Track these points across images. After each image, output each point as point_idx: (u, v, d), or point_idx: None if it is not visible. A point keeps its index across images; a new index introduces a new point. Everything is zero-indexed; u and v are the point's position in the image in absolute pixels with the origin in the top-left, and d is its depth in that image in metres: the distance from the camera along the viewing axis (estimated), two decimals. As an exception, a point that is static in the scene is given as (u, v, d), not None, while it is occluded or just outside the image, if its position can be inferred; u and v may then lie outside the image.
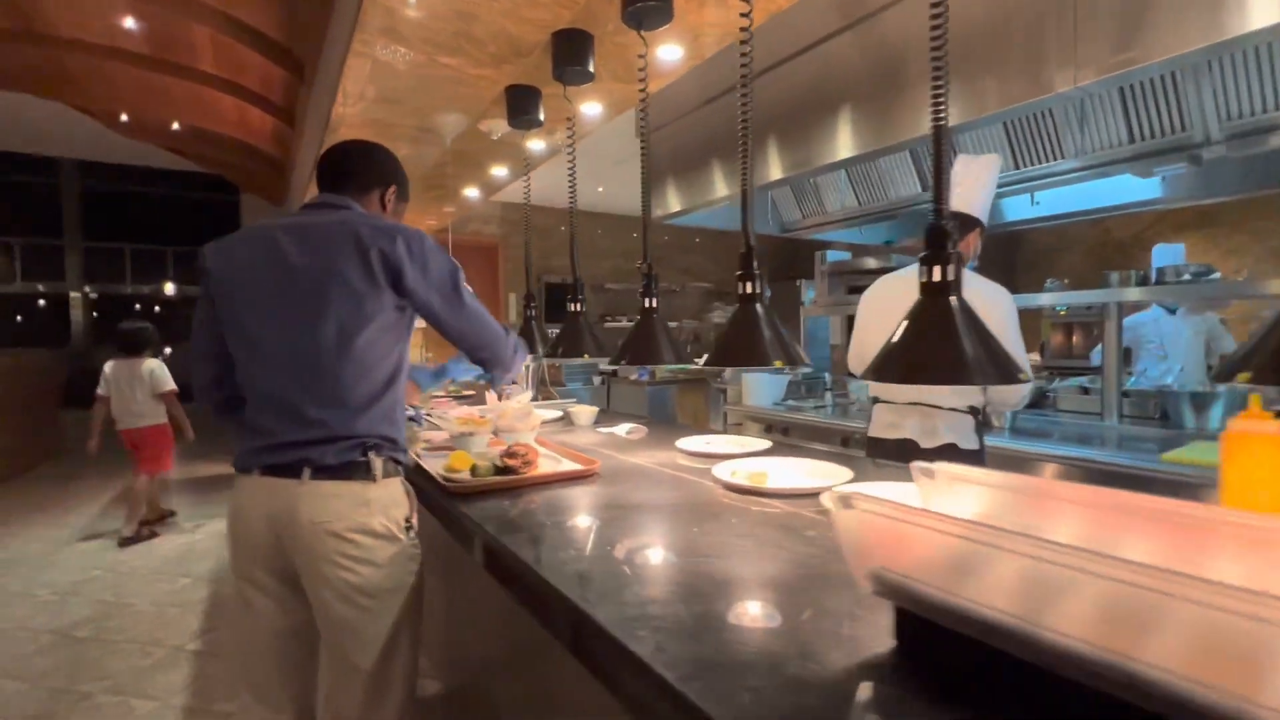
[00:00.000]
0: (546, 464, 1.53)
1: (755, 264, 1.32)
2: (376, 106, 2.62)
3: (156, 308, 12.77)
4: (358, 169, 1.34)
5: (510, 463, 1.40)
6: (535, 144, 3.09)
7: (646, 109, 1.72)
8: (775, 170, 3.40)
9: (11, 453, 5.44)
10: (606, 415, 2.57)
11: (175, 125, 5.57)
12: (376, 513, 1.17)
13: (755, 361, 1.25)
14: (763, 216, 4.66)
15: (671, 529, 1.13)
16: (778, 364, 1.25)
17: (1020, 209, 3.73)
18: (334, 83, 2.54)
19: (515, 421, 1.73)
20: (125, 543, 3.58)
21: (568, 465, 1.53)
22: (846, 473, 1.41)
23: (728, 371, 4.82)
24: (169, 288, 11.87)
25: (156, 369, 3.96)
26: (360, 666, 1.16)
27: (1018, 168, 2.94)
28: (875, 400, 2.17)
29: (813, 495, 1.26)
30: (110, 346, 11.45)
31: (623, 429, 2.18)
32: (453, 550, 1.39)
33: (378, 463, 1.18)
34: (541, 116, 2.42)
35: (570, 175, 2.26)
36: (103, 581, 3.03)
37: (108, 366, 3.96)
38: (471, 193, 4.07)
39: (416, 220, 5.06)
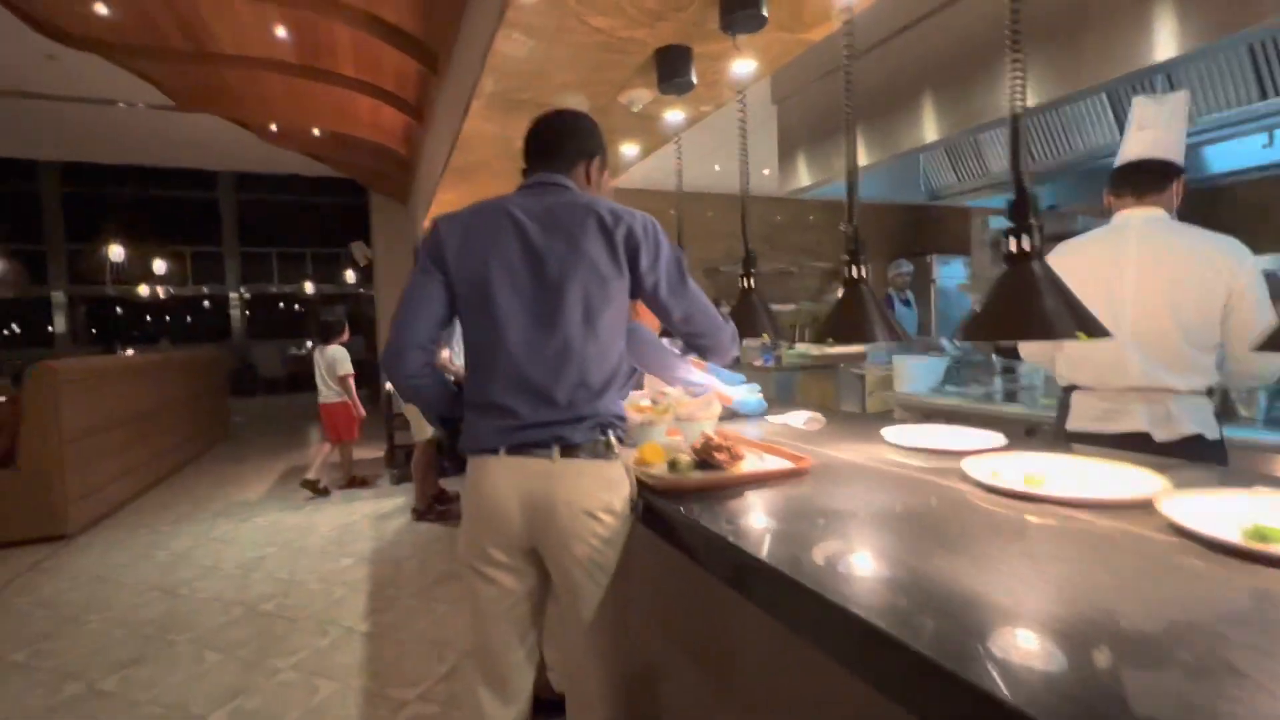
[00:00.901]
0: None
1: (859, 246, 1.49)
2: (516, 85, 2.54)
3: (296, 305, 14.07)
4: (568, 142, 1.30)
5: (718, 457, 1.23)
6: (673, 115, 2.91)
7: (851, 37, 1.48)
8: (930, 131, 3.03)
9: (193, 437, 6.10)
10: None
11: (316, 131, 5.94)
12: (617, 491, 1.17)
13: (861, 339, 1.39)
14: (909, 184, 4.22)
15: (961, 544, 0.90)
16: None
17: (1241, 155, 3.09)
18: (475, 61, 2.48)
19: (696, 410, 1.57)
20: (316, 491, 4.41)
21: (770, 461, 1.33)
22: (1153, 476, 1.10)
23: (869, 355, 4.44)
24: (308, 287, 12.99)
25: (338, 354, 4.55)
26: (589, 621, 1.18)
27: (1265, 98, 2.39)
28: (1072, 388, 1.81)
29: (1134, 506, 0.99)
30: (262, 340, 12.61)
31: (797, 418, 1.96)
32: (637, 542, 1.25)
33: (615, 442, 1.19)
34: (694, 78, 2.22)
35: (741, 128, 2.07)
36: (277, 559, 3.24)
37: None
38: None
39: (538, 208, 5.06)
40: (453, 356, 4.02)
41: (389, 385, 4.92)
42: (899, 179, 4.25)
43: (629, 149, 3.44)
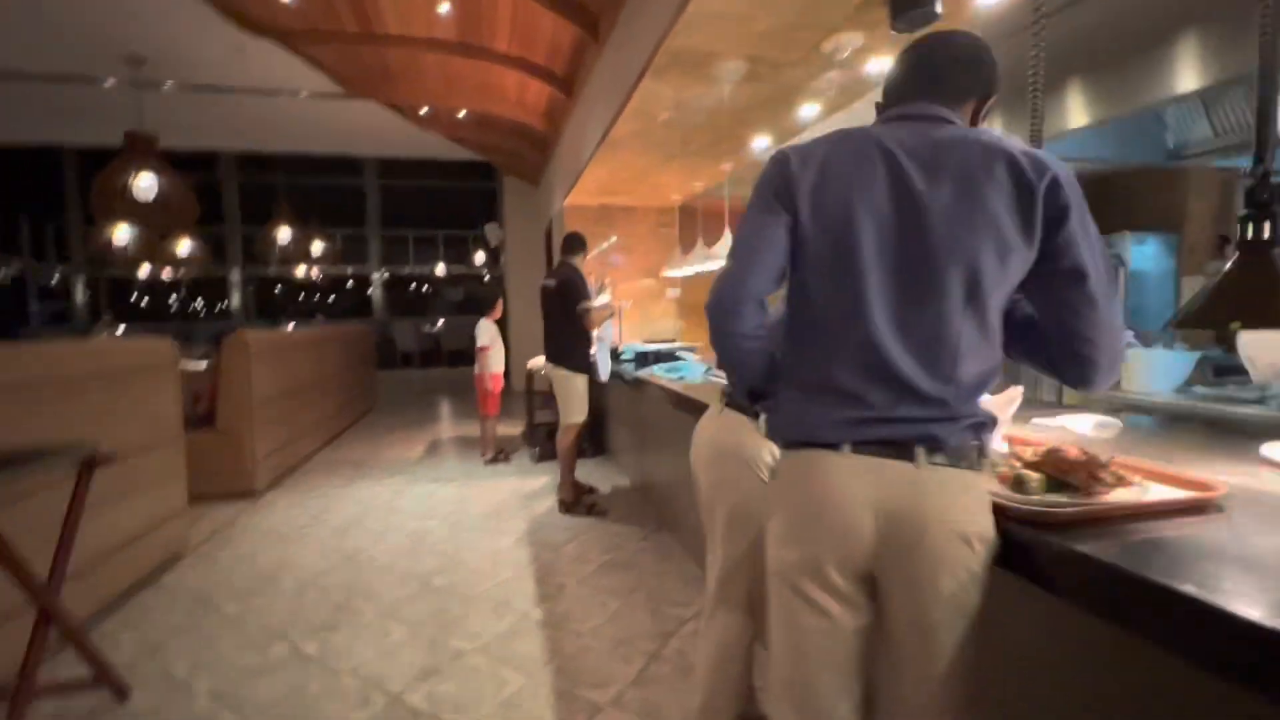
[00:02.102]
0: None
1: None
2: (709, 38, 2.30)
3: (425, 286, 14.93)
4: (964, 72, 0.99)
5: (1100, 477, 0.92)
6: (876, 65, 2.54)
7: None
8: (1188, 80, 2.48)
9: (349, 406, 6.53)
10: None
11: (462, 113, 6.06)
12: (990, 513, 0.90)
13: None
14: (1131, 140, 3.56)
15: None
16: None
17: None
18: (663, 15, 2.26)
19: (997, 411, 1.26)
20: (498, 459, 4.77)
21: (1152, 487, 0.99)
22: None
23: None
24: (440, 268, 13.72)
25: (479, 326, 4.76)
26: (940, 676, 0.90)
27: None
28: None
29: None
30: (399, 318, 13.44)
31: (1083, 422, 1.57)
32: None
33: (987, 450, 0.93)
34: (939, 6, 1.86)
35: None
36: (440, 532, 3.29)
37: None
38: (761, 143, 3.66)
39: (684, 181, 4.83)
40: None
41: (532, 362, 4.92)
42: (1120, 135, 3.58)
43: (808, 109, 3.10)
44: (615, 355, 4.14)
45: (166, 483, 2.92)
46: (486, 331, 4.69)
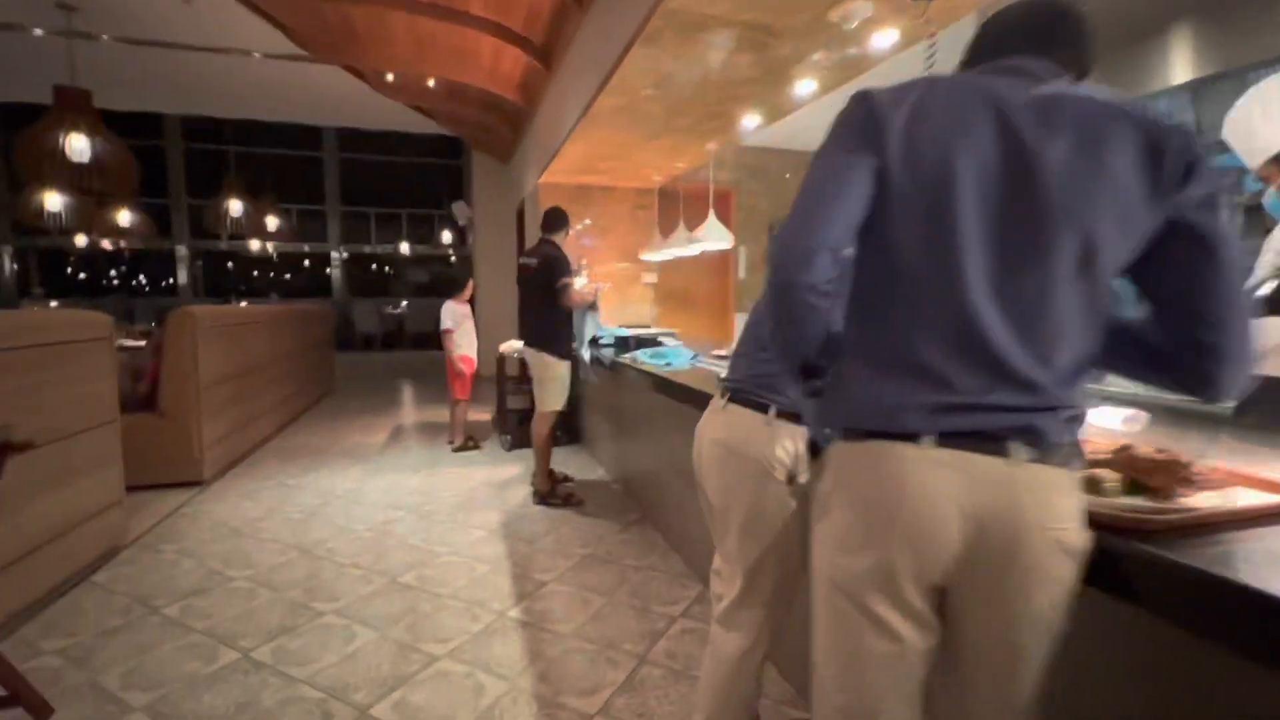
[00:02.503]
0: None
1: None
2: (709, -1, 2.14)
3: (387, 268, 14.39)
4: (1071, 35, 0.86)
5: (1187, 479, 0.82)
6: (883, 38, 2.42)
7: None
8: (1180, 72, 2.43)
9: (306, 389, 6.20)
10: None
11: (431, 81, 5.74)
12: (1084, 519, 0.79)
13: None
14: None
15: None
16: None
17: None
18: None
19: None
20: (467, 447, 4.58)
21: (1240, 490, 0.89)
22: None
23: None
24: (404, 247, 13.22)
25: (443, 309, 4.56)
26: (1021, 707, 0.81)
27: None
28: None
29: None
30: (359, 298, 12.92)
31: (1107, 415, 1.50)
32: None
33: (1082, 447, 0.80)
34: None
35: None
36: (407, 524, 3.09)
37: None
38: (750, 122, 3.53)
39: (667, 161, 4.66)
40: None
41: (505, 346, 4.72)
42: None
43: (804, 86, 2.97)
44: (593, 340, 3.98)
45: (101, 469, 2.65)
46: (450, 314, 4.50)
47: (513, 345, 4.71)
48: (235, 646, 2.01)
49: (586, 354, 3.50)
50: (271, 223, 9.88)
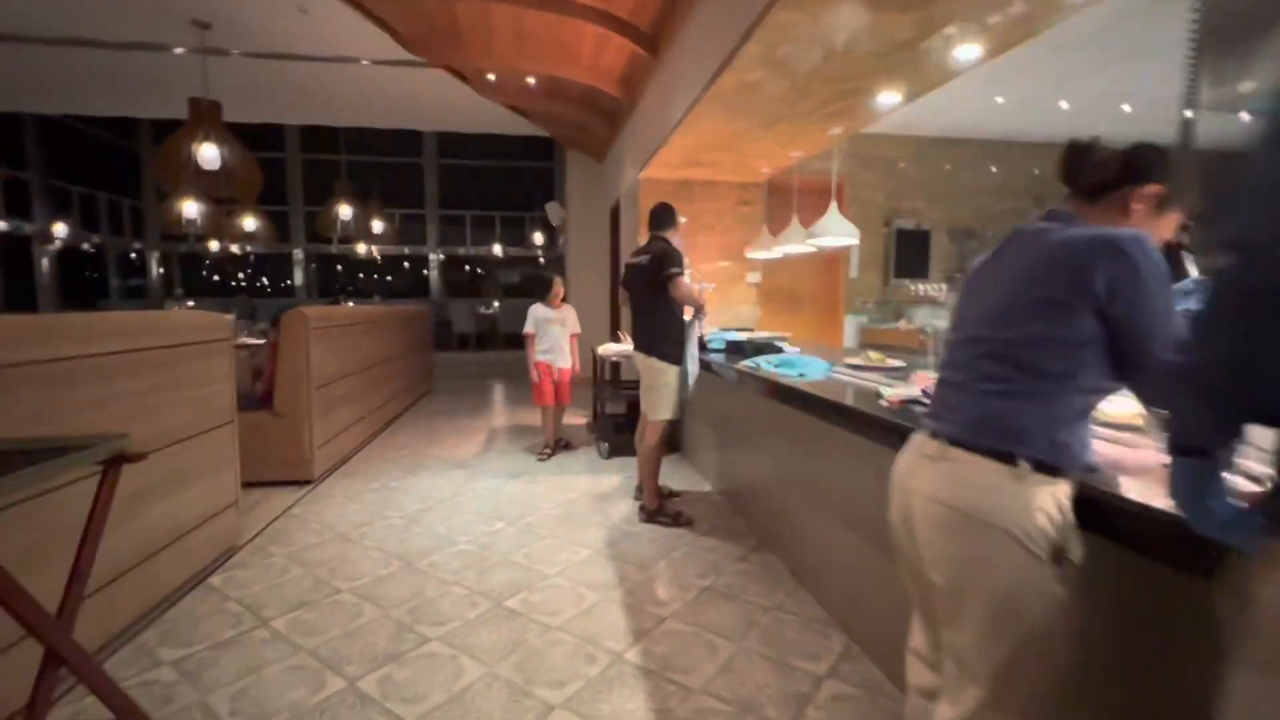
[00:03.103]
0: None
1: None
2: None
3: (479, 269, 14.77)
4: None
5: None
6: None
7: None
8: None
9: (407, 388, 6.31)
10: None
11: (531, 80, 5.67)
12: None
13: None
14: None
15: None
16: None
17: None
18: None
19: None
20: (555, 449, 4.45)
21: None
22: None
23: None
24: (496, 249, 13.52)
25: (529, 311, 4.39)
26: None
27: None
28: None
29: None
30: (455, 299, 13.33)
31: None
32: None
33: None
34: None
35: None
36: (509, 538, 2.93)
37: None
38: (888, 99, 3.11)
39: (781, 150, 4.29)
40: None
41: (603, 349, 4.52)
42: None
43: (965, 51, 2.53)
44: (701, 344, 3.68)
45: (218, 471, 2.65)
46: (531, 317, 4.33)
47: (611, 348, 4.50)
48: (341, 673, 1.87)
49: (693, 367, 3.14)
50: (377, 226, 10.33)
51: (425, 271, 13.95)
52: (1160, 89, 4.44)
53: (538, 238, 12.43)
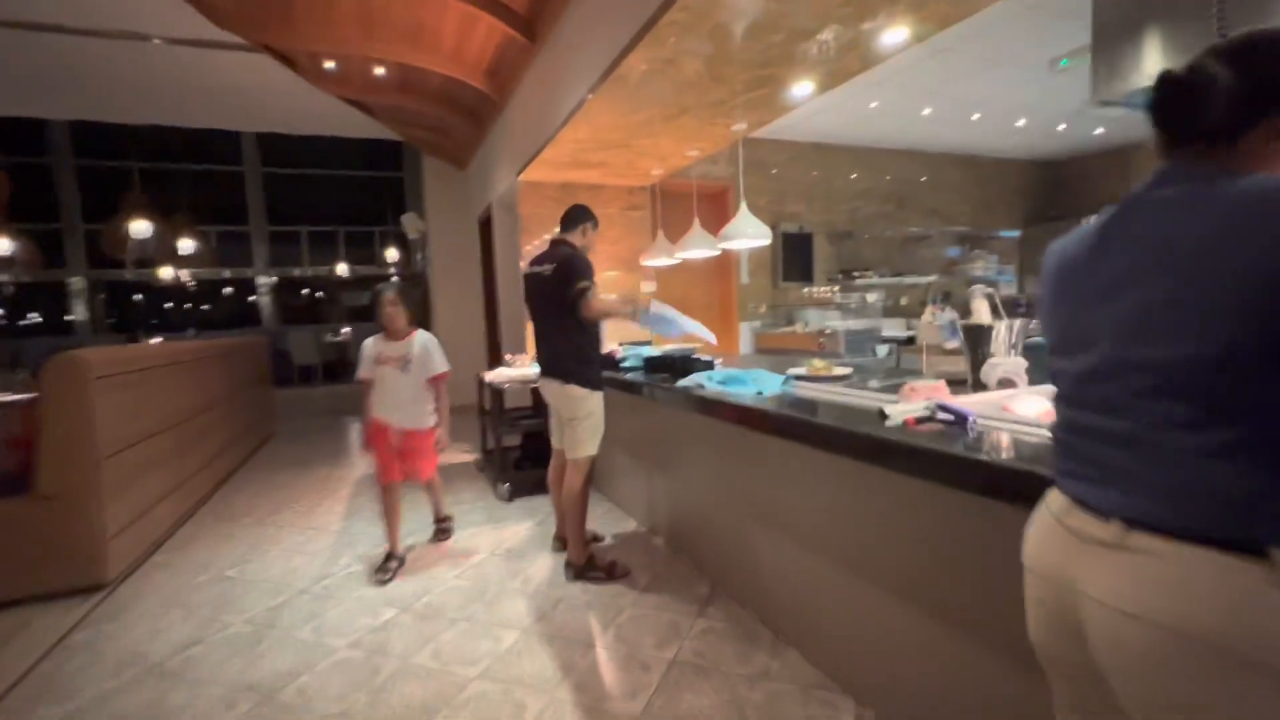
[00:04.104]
0: None
1: None
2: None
3: (319, 293, 13.11)
4: None
5: None
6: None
7: None
8: None
9: (242, 437, 5.16)
10: None
11: (380, 70, 4.90)
12: None
13: None
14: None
15: None
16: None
17: None
18: None
19: None
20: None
21: None
22: None
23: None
24: (341, 268, 12.03)
25: (430, 343, 2.92)
26: None
27: None
28: None
29: None
30: (293, 326, 11.64)
31: None
32: None
33: None
34: None
35: None
36: (406, 631, 2.27)
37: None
38: (802, 89, 2.92)
39: (677, 148, 4.00)
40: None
41: (494, 374, 3.92)
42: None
43: (892, 36, 2.38)
44: (614, 362, 3.26)
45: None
46: (363, 356, 2.82)
47: (504, 374, 3.92)
48: None
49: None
50: (185, 246, 8.67)
51: (252, 297, 12.06)
52: (1013, 96, 4.81)
53: (391, 254, 11.24)
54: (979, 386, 1.91)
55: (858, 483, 1.73)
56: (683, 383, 2.45)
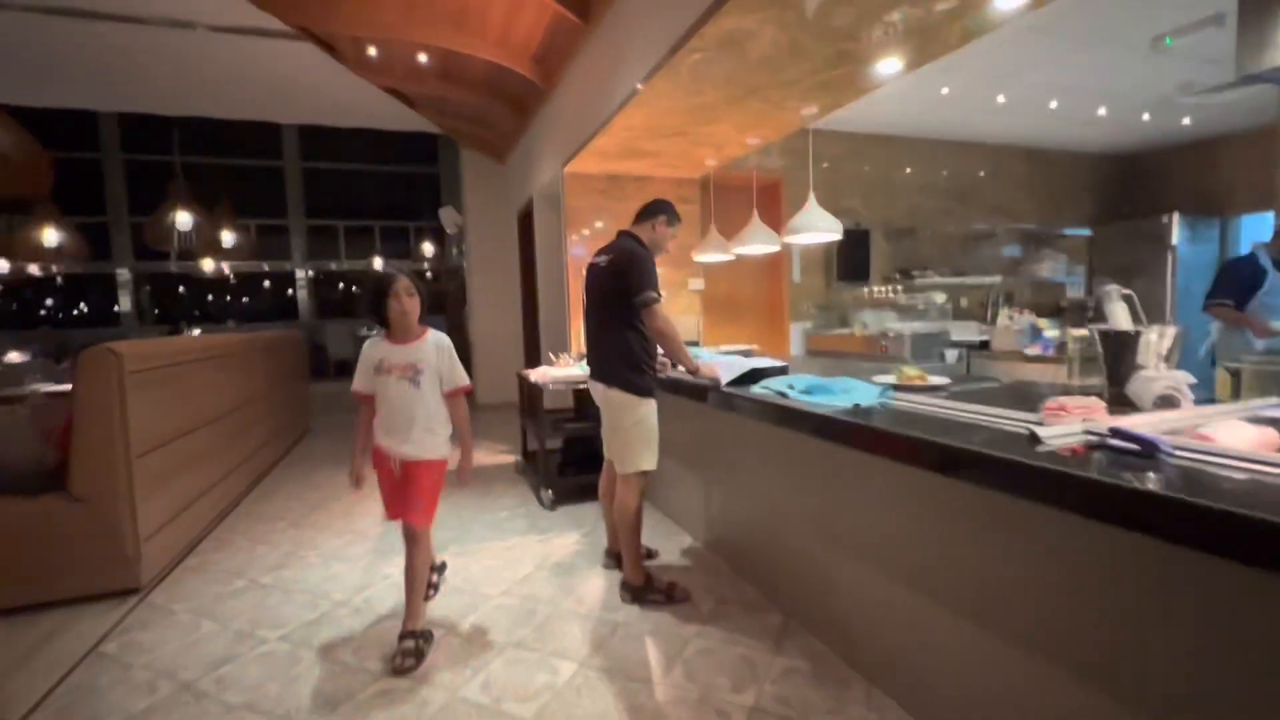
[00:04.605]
0: None
1: None
2: None
3: (354, 287, 13.15)
4: None
5: None
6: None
7: None
8: None
9: (278, 434, 5.08)
10: None
11: (423, 57, 4.75)
12: None
13: None
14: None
15: None
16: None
17: None
18: None
19: None
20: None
21: None
22: None
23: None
24: (377, 263, 12.04)
25: (445, 344, 2.22)
26: None
27: None
28: None
29: None
30: (330, 320, 11.71)
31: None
32: None
33: None
34: None
35: None
36: (451, 655, 2.08)
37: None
38: (888, 66, 2.64)
39: (738, 135, 3.75)
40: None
41: (539, 374, 3.72)
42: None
43: (1005, 2, 2.09)
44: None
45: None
46: (362, 365, 2.17)
47: (549, 374, 3.72)
48: None
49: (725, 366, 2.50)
50: (227, 239, 8.69)
51: (291, 291, 12.16)
52: (1099, 81, 4.42)
53: (427, 249, 11.19)
54: (1121, 403, 1.63)
55: (987, 516, 1.47)
56: (759, 390, 2.20)
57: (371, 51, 4.74)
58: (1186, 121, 5.40)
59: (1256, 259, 3.10)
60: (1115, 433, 1.22)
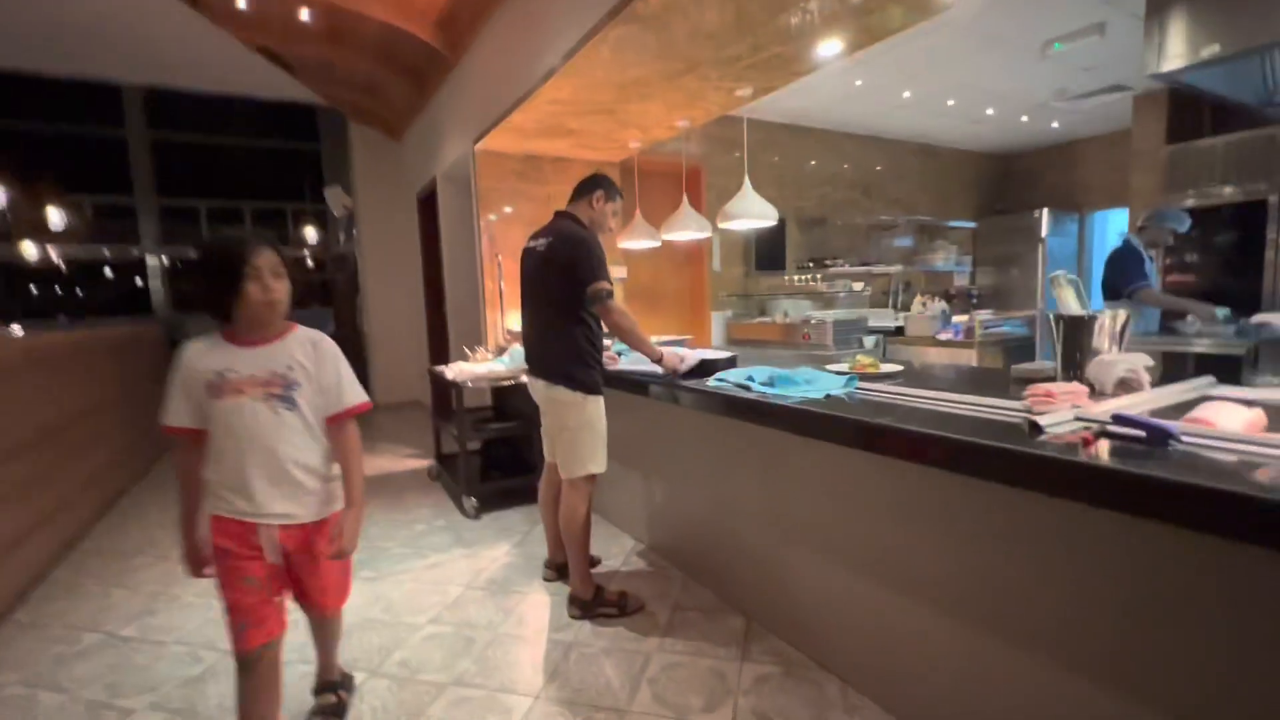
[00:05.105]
0: None
1: None
2: None
3: (178, 263, 11.69)
4: None
5: None
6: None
7: None
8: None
9: (134, 451, 4.31)
10: None
11: (304, 13, 4.16)
12: None
13: None
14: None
15: None
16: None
17: None
18: None
19: None
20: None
21: None
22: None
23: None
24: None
25: (335, 353, 1.57)
26: None
27: None
28: None
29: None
30: (190, 314, 10.42)
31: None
32: None
33: None
34: None
35: None
36: (379, 700, 1.78)
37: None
38: (829, 48, 2.58)
39: (669, 115, 3.59)
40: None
41: (455, 370, 3.38)
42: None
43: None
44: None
45: None
46: (179, 382, 1.44)
47: (467, 370, 3.39)
48: None
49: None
50: (54, 219, 7.37)
51: (140, 280, 10.58)
52: (991, 83, 4.70)
53: (310, 233, 10.16)
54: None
55: (957, 505, 1.42)
56: (716, 382, 2.06)
57: (241, 4, 4.09)
58: (1055, 125, 5.93)
59: (1136, 247, 3.41)
60: (1119, 419, 1.19)
